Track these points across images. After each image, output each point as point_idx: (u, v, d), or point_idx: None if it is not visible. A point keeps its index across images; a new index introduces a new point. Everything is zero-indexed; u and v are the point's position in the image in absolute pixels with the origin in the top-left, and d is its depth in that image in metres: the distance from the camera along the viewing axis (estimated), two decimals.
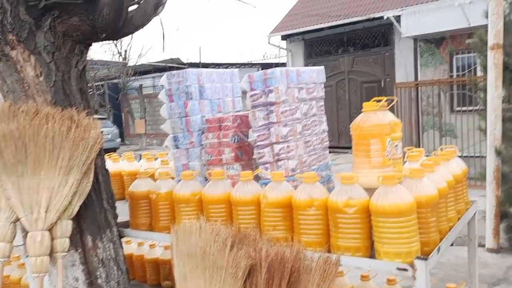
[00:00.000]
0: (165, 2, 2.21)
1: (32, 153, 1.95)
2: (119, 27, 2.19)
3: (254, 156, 2.24)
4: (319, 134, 2.42)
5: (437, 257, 1.61)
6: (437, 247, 1.62)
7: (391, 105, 1.93)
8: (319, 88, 2.45)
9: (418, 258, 1.49)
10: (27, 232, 1.95)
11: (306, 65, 12.59)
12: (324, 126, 2.47)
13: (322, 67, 2.52)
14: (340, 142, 12.73)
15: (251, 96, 2.21)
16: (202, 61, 16.23)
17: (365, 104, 1.83)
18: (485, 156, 3.82)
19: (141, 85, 16.95)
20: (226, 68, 16.96)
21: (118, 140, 14.25)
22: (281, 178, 1.89)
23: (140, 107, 16.69)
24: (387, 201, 1.55)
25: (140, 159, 3.13)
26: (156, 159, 3.09)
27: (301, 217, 1.78)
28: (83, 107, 2.17)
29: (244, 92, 2.44)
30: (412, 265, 1.50)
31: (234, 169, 2.34)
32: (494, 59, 3.55)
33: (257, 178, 2.10)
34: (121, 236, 2.36)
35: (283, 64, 15.13)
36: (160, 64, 15.91)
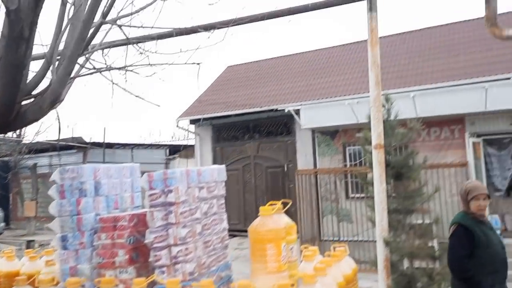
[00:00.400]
0: (63, 99, 2.16)
1: None
2: (10, 121, 2.07)
3: (150, 259, 2.14)
4: (220, 233, 2.41)
5: None
6: None
7: (286, 207, 2.02)
8: (220, 186, 2.49)
9: None
10: None
11: (213, 148, 12.86)
12: (225, 224, 2.48)
13: (223, 166, 2.59)
14: (246, 225, 12.67)
15: (150, 195, 2.17)
16: (106, 141, 15.68)
17: (261, 208, 1.89)
18: None
19: (36, 163, 15.69)
20: (132, 148, 16.59)
21: (2, 224, 12.72)
22: (176, 285, 1.82)
23: (32, 187, 15.28)
24: None
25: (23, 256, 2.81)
26: (41, 257, 2.80)
27: None
28: None
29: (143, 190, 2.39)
30: None
31: (128, 273, 2.19)
32: (378, 158, 3.97)
33: (152, 283, 1.99)
34: None
35: (191, 146, 15.24)
36: (60, 142, 15.03)
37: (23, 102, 2.13)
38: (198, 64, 3.46)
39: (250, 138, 12.71)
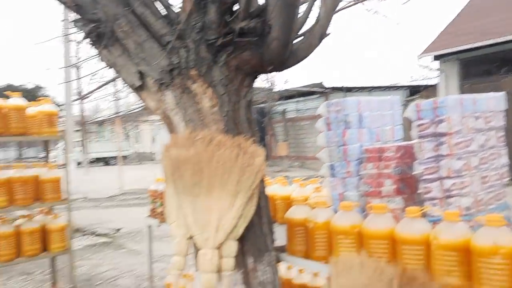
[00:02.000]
0: (329, 33, 2.25)
1: (206, 176, 2.14)
2: (285, 60, 2.29)
3: (419, 191, 2.09)
4: (498, 169, 2.14)
5: None
6: None
7: None
8: (499, 117, 2.18)
9: None
10: (198, 249, 2.13)
11: (461, 85, 11.54)
12: (504, 160, 2.18)
13: (502, 93, 2.24)
14: None
15: (418, 126, 2.08)
16: (344, 85, 16.12)
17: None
18: None
19: (285, 109, 17.60)
20: (370, 91, 16.55)
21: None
22: (456, 218, 1.71)
23: (283, 130, 17.31)
24: None
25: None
26: (305, 186, 3.12)
27: (483, 265, 1.57)
28: (249, 135, 2.32)
29: (408, 122, 2.31)
30: None
31: (395, 202, 2.20)
32: None
33: (422, 214, 1.94)
34: (278, 260, 2.42)
35: (433, 86, 14.11)
36: (303, 89, 16.33)
37: (294, 41, 2.31)
38: None
39: (508, 72, 10.82)
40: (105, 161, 26.71)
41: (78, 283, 5.02)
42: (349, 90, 15.93)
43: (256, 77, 2.43)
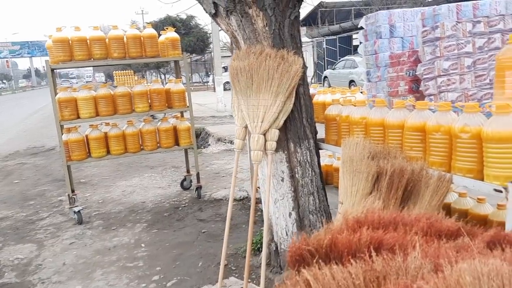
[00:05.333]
0: None
1: (255, 81, 2.87)
2: None
3: (420, 88, 2.48)
4: None
5: None
6: None
7: None
8: (508, 20, 2.35)
9: (511, 182, 1.58)
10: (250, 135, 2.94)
11: None
12: None
13: None
14: None
15: (422, 32, 2.41)
16: None
17: (510, 35, 1.83)
18: None
19: None
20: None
21: None
22: (424, 106, 2.14)
23: None
24: (493, 128, 1.66)
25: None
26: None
27: (430, 141, 2.03)
28: (292, 48, 2.92)
29: None
30: (505, 187, 1.60)
31: (408, 99, 2.62)
32: None
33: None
34: (319, 147, 3.09)
35: None
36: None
37: None
38: None
39: None
40: None
41: (209, 175, 6.47)
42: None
43: (301, 0, 2.96)
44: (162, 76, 29.50)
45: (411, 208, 2.05)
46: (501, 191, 1.62)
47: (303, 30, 25.99)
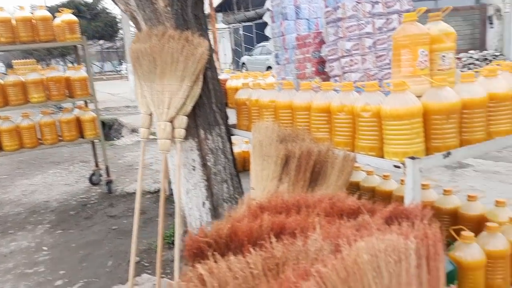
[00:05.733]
0: None
1: (159, 65, 2.69)
2: None
3: (326, 70, 2.48)
4: None
5: (437, 161, 1.66)
6: (444, 152, 1.67)
7: (445, 13, 1.88)
8: (404, 1, 2.42)
9: (408, 157, 1.62)
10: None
11: None
12: None
13: None
14: None
15: (325, 13, 2.41)
16: None
17: (405, 15, 1.86)
18: None
19: None
20: None
21: None
22: (329, 87, 2.14)
23: None
24: (390, 106, 1.68)
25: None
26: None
27: (335, 121, 2.03)
28: (196, 30, 2.78)
29: None
30: (403, 163, 1.64)
31: (315, 80, 2.62)
32: None
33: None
34: (231, 133, 3.00)
35: None
36: None
37: None
38: None
39: None
40: None
41: (122, 167, 6.12)
42: None
43: None
44: (70, 65, 27.51)
45: (319, 189, 2.04)
46: (399, 167, 1.65)
47: (219, 16, 25.75)
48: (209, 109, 2.86)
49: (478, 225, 2.27)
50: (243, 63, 18.70)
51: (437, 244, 1.17)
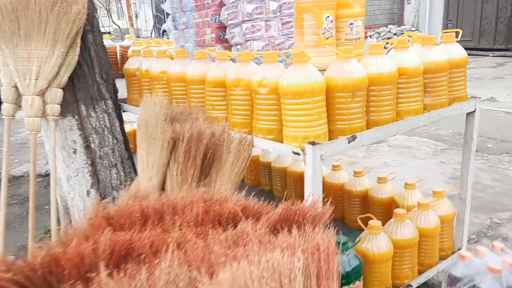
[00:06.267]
0: None
1: (23, 26, 2.17)
2: None
3: (226, 36, 2.15)
4: None
5: (341, 146, 1.43)
6: (349, 136, 1.44)
7: None
8: None
9: (308, 143, 1.36)
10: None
11: None
12: None
13: None
14: (480, 42, 11.19)
15: None
16: None
17: None
18: None
19: None
20: None
21: None
22: (225, 56, 1.81)
23: None
24: (288, 81, 1.40)
25: None
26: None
27: (230, 98, 1.72)
28: None
29: None
30: (303, 149, 1.38)
31: (217, 48, 2.28)
32: None
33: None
34: (121, 109, 2.58)
35: None
36: None
37: None
38: None
39: None
40: None
41: (13, 146, 5.36)
42: None
43: None
44: None
45: (213, 177, 1.74)
46: (299, 154, 1.39)
47: None
48: (92, 81, 2.40)
49: (389, 208, 2.14)
50: (164, 31, 17.66)
51: (330, 257, 0.91)
